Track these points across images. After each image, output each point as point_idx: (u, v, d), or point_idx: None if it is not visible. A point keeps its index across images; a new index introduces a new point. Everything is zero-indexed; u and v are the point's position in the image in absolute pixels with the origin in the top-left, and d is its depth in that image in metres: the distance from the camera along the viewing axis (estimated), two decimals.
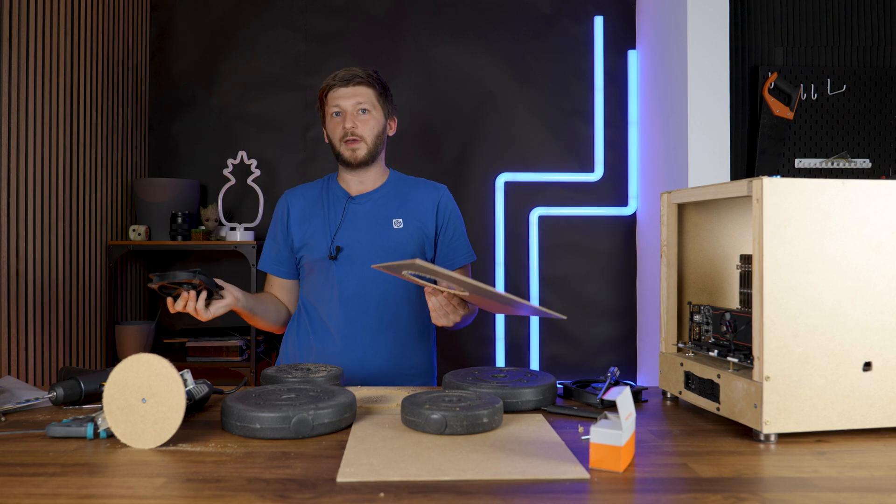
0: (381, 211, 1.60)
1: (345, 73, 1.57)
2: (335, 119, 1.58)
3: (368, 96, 1.57)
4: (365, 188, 1.63)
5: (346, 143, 1.56)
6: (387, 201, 1.62)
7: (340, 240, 1.56)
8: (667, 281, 1.28)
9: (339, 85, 1.56)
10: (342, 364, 1.54)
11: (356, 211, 1.60)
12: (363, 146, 1.57)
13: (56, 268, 2.29)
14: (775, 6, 2.73)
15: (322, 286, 1.58)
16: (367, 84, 1.57)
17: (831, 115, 2.69)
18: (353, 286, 1.56)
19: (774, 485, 0.82)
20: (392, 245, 1.57)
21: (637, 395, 1.24)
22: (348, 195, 1.62)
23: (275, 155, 2.95)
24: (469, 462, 0.87)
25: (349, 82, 1.56)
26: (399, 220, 1.60)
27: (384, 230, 1.58)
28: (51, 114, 2.25)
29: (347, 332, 1.56)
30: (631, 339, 2.97)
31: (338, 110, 1.57)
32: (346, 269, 1.56)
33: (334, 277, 1.56)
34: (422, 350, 1.64)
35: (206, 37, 2.96)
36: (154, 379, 0.94)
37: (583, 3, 2.97)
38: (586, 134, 2.97)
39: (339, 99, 1.56)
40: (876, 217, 1.01)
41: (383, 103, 1.61)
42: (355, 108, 1.56)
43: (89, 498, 0.76)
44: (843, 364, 1.00)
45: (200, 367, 2.63)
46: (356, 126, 1.56)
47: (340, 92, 1.56)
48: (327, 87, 1.58)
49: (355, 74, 1.56)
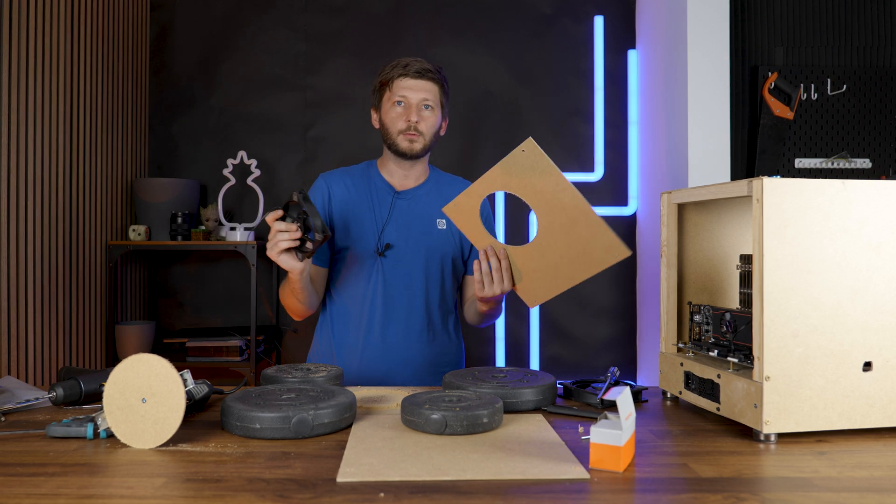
0: (426, 209, 1.61)
1: (418, 66, 1.54)
2: (397, 108, 1.56)
3: (434, 93, 1.57)
4: (409, 183, 1.62)
5: (405, 135, 1.55)
6: (430, 199, 1.62)
7: (388, 236, 1.56)
8: (667, 281, 1.28)
9: (411, 76, 1.54)
10: (383, 362, 1.55)
11: (402, 207, 1.59)
12: (421, 140, 1.56)
13: (56, 268, 2.29)
14: (775, 6, 2.73)
15: (365, 282, 1.56)
16: (435, 81, 1.57)
17: (831, 115, 2.69)
18: (399, 283, 1.56)
19: (774, 485, 0.82)
20: (436, 245, 1.58)
21: (637, 395, 1.24)
22: (393, 190, 1.61)
23: (275, 155, 2.96)
24: (469, 462, 0.87)
25: (421, 76, 1.54)
26: (443, 220, 1.61)
27: (430, 229, 1.59)
28: (51, 114, 2.25)
29: (392, 330, 1.56)
30: (631, 339, 2.97)
31: (402, 100, 1.55)
32: (392, 266, 1.56)
33: (380, 274, 1.56)
34: (456, 345, 1.67)
35: (206, 37, 2.96)
36: (154, 379, 0.94)
37: (583, 3, 2.97)
38: (586, 134, 2.97)
39: (407, 90, 1.54)
40: (876, 217, 1.01)
41: (444, 102, 1.61)
42: (420, 103, 1.55)
43: (89, 498, 0.76)
44: (843, 364, 1.00)
45: (200, 367, 2.63)
46: (420, 121, 1.55)
47: (410, 83, 1.54)
48: (395, 74, 1.56)
49: (427, 69, 1.55)
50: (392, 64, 1.57)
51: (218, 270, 2.97)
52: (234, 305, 2.95)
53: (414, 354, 1.57)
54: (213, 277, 2.97)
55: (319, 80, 2.96)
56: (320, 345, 1.64)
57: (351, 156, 2.95)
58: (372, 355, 1.56)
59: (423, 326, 1.58)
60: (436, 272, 1.59)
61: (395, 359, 1.56)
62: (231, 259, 2.97)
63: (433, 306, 1.60)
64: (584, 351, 2.96)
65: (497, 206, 2.93)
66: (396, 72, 1.55)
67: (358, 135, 2.96)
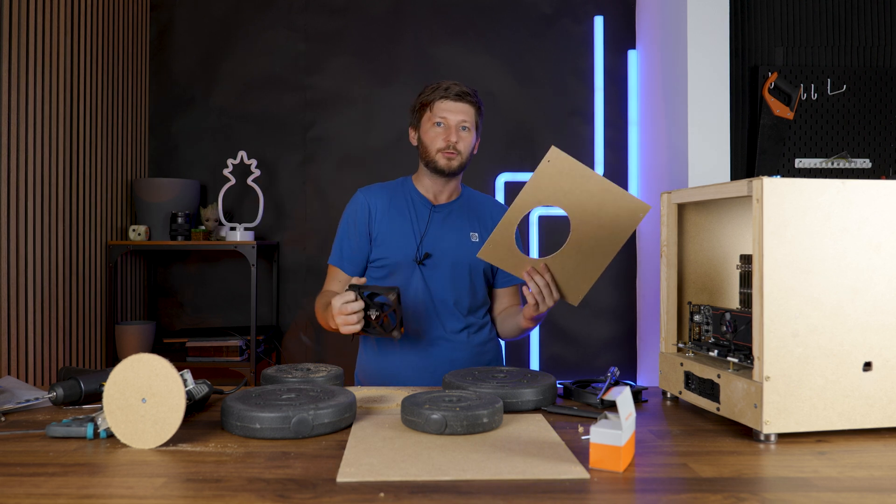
0: (460, 222, 1.70)
1: (458, 89, 1.64)
2: (437, 129, 1.64)
3: (471, 115, 1.66)
4: (443, 198, 1.72)
5: (444, 154, 1.64)
6: (463, 213, 1.72)
7: (427, 246, 1.65)
8: (667, 281, 1.28)
9: (452, 99, 1.63)
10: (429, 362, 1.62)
11: (439, 220, 1.69)
12: (458, 158, 1.65)
13: (56, 268, 2.29)
14: (775, 6, 2.73)
15: (405, 288, 1.65)
16: (472, 104, 1.66)
17: (831, 115, 2.69)
18: (437, 289, 1.65)
19: (774, 485, 0.82)
20: (469, 257, 1.67)
21: (637, 395, 1.25)
22: (430, 203, 1.70)
23: (275, 155, 2.95)
24: (469, 462, 0.87)
25: (461, 98, 1.64)
26: (475, 233, 1.71)
27: (464, 241, 1.68)
28: (51, 114, 2.25)
29: (435, 333, 1.65)
30: (631, 339, 2.97)
31: (442, 122, 1.64)
32: (430, 273, 1.64)
33: (420, 280, 1.64)
34: (494, 342, 1.76)
35: (206, 37, 2.96)
36: (154, 379, 0.94)
37: (583, 3, 2.97)
38: (586, 134, 2.97)
39: (447, 112, 1.63)
40: (876, 217, 1.01)
41: (479, 124, 1.70)
42: (459, 124, 1.64)
43: (89, 498, 0.76)
44: (843, 364, 1.00)
45: (200, 367, 2.63)
46: (459, 141, 1.64)
47: (450, 105, 1.63)
48: (437, 97, 1.65)
49: (466, 92, 1.65)
50: (433, 86, 1.67)
51: (218, 270, 2.97)
52: (234, 305, 2.95)
53: (457, 354, 1.66)
54: (213, 277, 2.97)
55: (319, 80, 2.96)
56: (365, 353, 1.72)
57: (351, 156, 2.95)
58: (416, 359, 1.64)
59: (461, 327, 1.67)
60: (470, 280, 1.68)
61: (438, 358, 1.64)
62: (231, 259, 2.97)
63: (470, 309, 1.69)
64: (584, 351, 2.95)
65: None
66: (438, 94, 1.65)
67: (358, 135, 2.96)
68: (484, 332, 1.72)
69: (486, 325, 1.73)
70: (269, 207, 2.93)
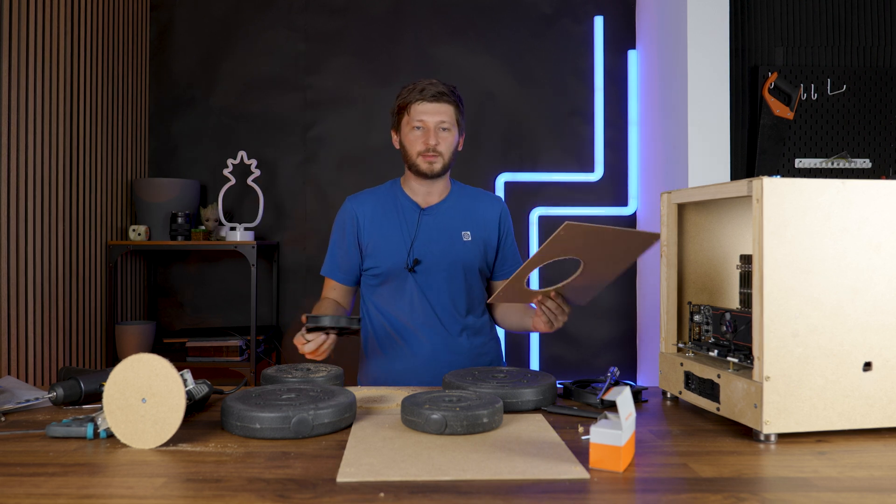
0: (451, 223, 1.67)
1: (433, 90, 1.60)
2: (416, 132, 1.62)
3: (450, 114, 1.62)
4: (432, 199, 1.69)
5: (424, 157, 1.61)
6: (454, 213, 1.68)
7: (417, 252, 1.63)
8: (667, 281, 1.28)
9: (428, 101, 1.60)
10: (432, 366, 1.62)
11: (428, 223, 1.66)
12: (440, 160, 1.62)
13: (56, 268, 2.29)
14: (775, 6, 2.73)
15: (401, 296, 1.64)
16: (450, 102, 1.62)
17: (831, 115, 2.69)
18: (432, 294, 1.63)
19: (774, 485, 0.82)
20: (462, 256, 1.65)
21: (637, 395, 1.24)
22: (419, 207, 1.67)
23: (275, 155, 2.95)
24: (469, 462, 0.87)
25: (438, 99, 1.60)
26: (468, 232, 1.67)
27: (456, 242, 1.65)
28: (51, 113, 2.25)
29: (435, 338, 1.64)
30: (631, 339, 2.97)
31: (421, 125, 1.61)
32: (423, 280, 1.63)
33: (413, 288, 1.63)
34: (495, 340, 1.75)
35: (206, 37, 2.96)
36: (154, 379, 0.94)
37: (583, 3, 2.97)
38: (586, 134, 2.97)
39: (424, 114, 1.60)
40: (876, 217, 1.01)
41: (460, 121, 1.66)
42: (438, 126, 1.61)
43: (89, 498, 0.76)
44: (843, 364, 1.00)
45: (200, 367, 2.63)
46: (438, 143, 1.61)
47: (427, 107, 1.60)
48: (412, 98, 1.61)
49: (442, 92, 1.60)
50: (409, 88, 1.63)
51: (218, 270, 2.97)
52: (234, 305, 2.95)
53: (457, 357, 1.65)
54: (213, 277, 2.97)
55: (319, 80, 2.96)
56: (368, 358, 1.71)
57: (351, 156, 2.95)
58: (417, 363, 1.63)
59: (460, 329, 1.66)
60: (464, 280, 1.66)
61: (440, 361, 1.63)
62: (231, 259, 2.97)
63: (468, 308, 1.68)
64: (584, 351, 2.96)
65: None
66: (413, 96, 1.61)
67: (358, 134, 2.96)
68: (483, 333, 1.71)
69: (484, 326, 1.72)
70: (269, 207, 2.94)
